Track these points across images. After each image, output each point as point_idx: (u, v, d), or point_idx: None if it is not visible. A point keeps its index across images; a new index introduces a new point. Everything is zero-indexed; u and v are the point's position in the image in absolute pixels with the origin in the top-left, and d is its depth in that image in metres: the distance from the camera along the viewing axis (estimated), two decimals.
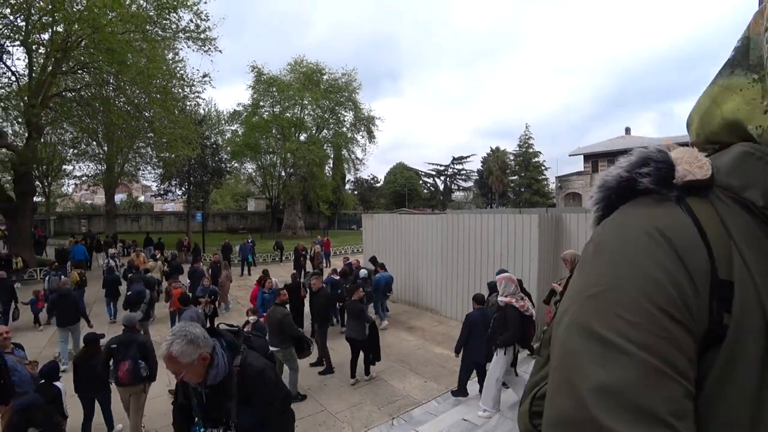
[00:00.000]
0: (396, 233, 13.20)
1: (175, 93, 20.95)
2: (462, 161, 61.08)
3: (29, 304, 10.55)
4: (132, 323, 5.56)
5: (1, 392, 4.49)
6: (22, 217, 18.11)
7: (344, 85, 36.71)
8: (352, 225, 48.32)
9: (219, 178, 35.96)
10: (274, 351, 6.23)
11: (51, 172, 30.99)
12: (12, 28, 15.72)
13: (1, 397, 4.47)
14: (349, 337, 7.14)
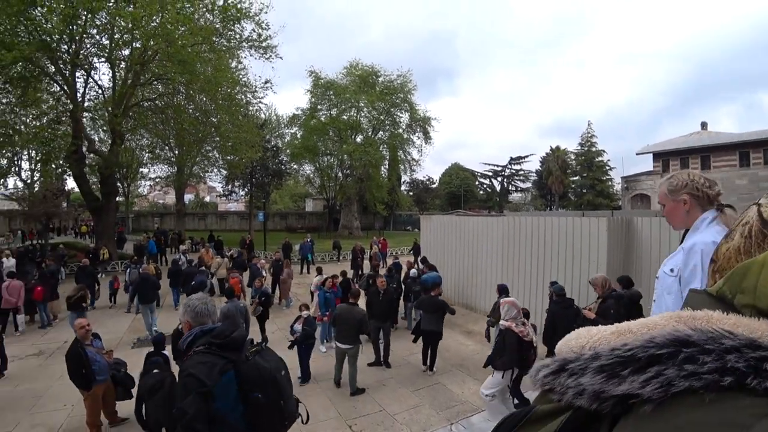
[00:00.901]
0: (455, 235, 13.02)
1: (239, 99, 22.06)
2: (520, 161, 59.09)
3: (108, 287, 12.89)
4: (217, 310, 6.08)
5: (83, 380, 5.12)
6: (107, 215, 20.09)
7: (399, 86, 36.81)
8: (407, 226, 48.31)
9: (279, 180, 37.44)
10: (347, 348, 6.63)
11: (130, 175, 33.88)
12: (98, 46, 17.39)
13: (84, 383, 5.16)
14: (427, 329, 7.46)
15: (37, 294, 10.56)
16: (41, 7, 14.90)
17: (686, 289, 1.63)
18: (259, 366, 2.23)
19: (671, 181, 1.85)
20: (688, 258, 1.67)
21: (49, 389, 7.05)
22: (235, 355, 2.22)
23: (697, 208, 1.78)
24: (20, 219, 29.78)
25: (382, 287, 8.16)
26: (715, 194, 1.78)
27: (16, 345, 9.29)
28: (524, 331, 4.77)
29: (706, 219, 1.74)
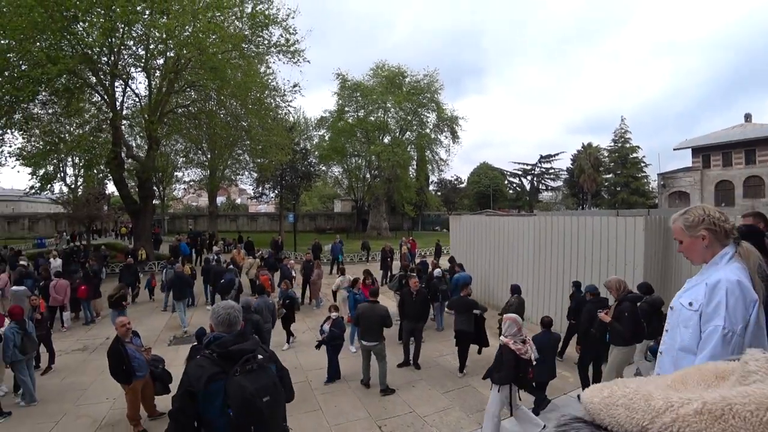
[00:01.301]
0: (484, 235, 12.84)
1: (269, 103, 22.55)
2: (550, 159, 57.66)
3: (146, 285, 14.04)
4: (248, 304, 6.72)
5: (124, 375, 5.42)
6: (145, 217, 20.96)
7: (426, 86, 36.65)
8: (435, 226, 48.00)
9: (308, 181, 38.00)
10: (372, 345, 6.75)
11: (165, 179, 35.23)
12: (135, 57, 18.17)
13: (124, 379, 5.46)
14: (460, 329, 7.49)
15: (81, 292, 11.12)
16: (83, 22, 15.74)
17: (707, 325, 1.64)
18: (241, 385, 2.25)
19: (687, 217, 1.85)
20: (712, 294, 1.66)
21: (93, 383, 7.40)
22: (229, 366, 2.29)
23: (715, 242, 1.78)
24: (65, 221, 31.32)
25: (414, 288, 8.11)
26: (731, 227, 1.79)
27: (62, 340, 9.80)
28: (522, 349, 4.73)
29: (727, 255, 1.75)
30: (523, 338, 4.88)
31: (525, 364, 4.70)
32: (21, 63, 15.67)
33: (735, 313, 1.58)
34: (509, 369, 4.70)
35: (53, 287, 10.52)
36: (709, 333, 1.62)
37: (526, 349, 4.77)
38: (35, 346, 6.76)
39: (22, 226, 39.81)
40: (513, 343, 4.77)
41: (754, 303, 1.59)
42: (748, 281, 1.63)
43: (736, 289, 1.59)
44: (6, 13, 14.25)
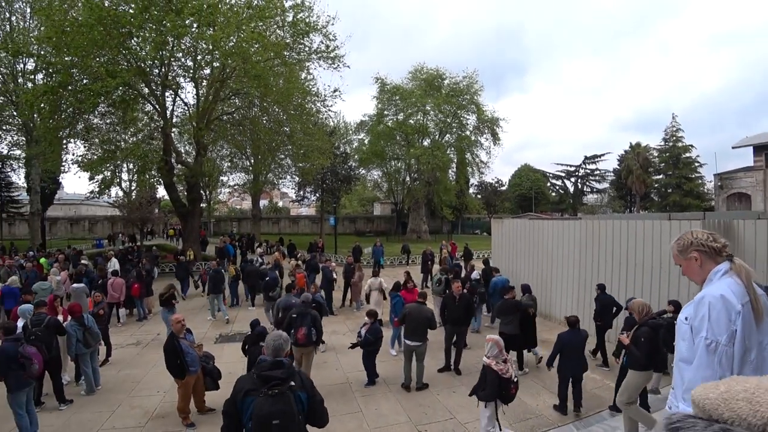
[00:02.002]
0: (527, 239, 12.50)
1: (310, 108, 23.00)
2: (595, 160, 55.31)
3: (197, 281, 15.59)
4: (308, 299, 7.25)
5: (178, 369, 5.65)
6: (193, 220, 21.96)
7: (465, 87, 36.25)
8: (475, 229, 47.33)
9: (348, 185, 38.48)
10: (416, 345, 6.88)
11: (211, 183, 36.63)
12: (184, 68, 19.08)
13: (178, 373, 5.68)
14: (504, 332, 7.52)
15: (135, 291, 11.75)
16: (137, 38, 16.76)
17: (696, 337, 1.81)
18: (260, 405, 2.66)
19: (679, 243, 2.06)
20: (698, 308, 1.83)
21: (146, 376, 7.78)
22: (261, 387, 2.72)
23: (708, 261, 1.94)
24: (121, 223, 33.26)
25: (457, 293, 7.98)
26: (721, 246, 1.93)
27: (117, 335, 10.36)
28: (503, 369, 5.01)
29: (720, 271, 1.90)
30: (504, 358, 5.14)
31: (506, 382, 4.99)
32: (83, 77, 16.91)
33: (718, 325, 1.73)
34: (493, 387, 4.99)
35: (110, 285, 11.20)
36: (696, 344, 1.79)
37: (507, 368, 5.05)
38: (97, 339, 7.18)
39: (82, 228, 42.72)
40: (495, 363, 5.03)
41: (739, 314, 1.72)
42: (740, 294, 1.77)
43: (718, 303, 1.75)
44: (70, 32, 15.39)
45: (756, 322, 1.75)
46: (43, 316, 6.61)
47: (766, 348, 1.76)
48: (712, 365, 1.72)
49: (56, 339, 6.57)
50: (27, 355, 5.32)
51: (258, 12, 17.32)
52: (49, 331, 6.41)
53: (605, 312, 8.10)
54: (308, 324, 6.65)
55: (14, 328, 5.79)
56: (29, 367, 5.30)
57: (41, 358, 5.57)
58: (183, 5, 15.66)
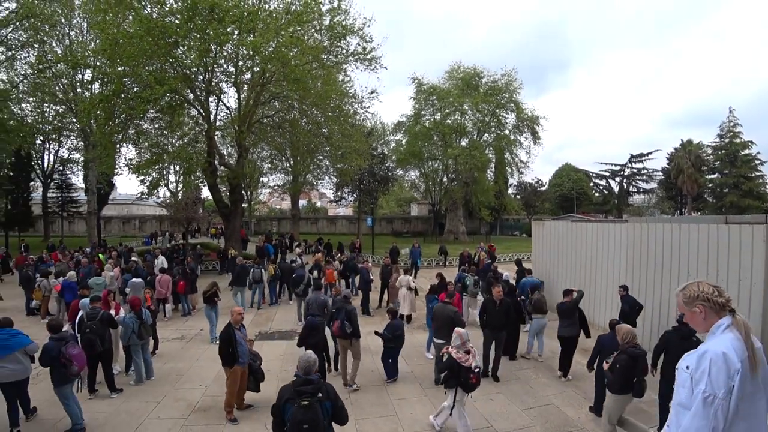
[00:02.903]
0: (570, 242, 12.05)
1: (347, 110, 23.27)
2: (642, 159, 52.64)
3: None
4: (348, 295, 7.86)
5: (230, 358, 5.93)
6: (235, 220, 22.80)
7: (504, 86, 35.49)
8: (514, 231, 46.31)
9: (386, 185, 38.58)
10: (442, 343, 6.90)
11: (252, 184, 37.78)
12: (226, 74, 19.85)
13: (229, 362, 5.98)
14: (563, 335, 7.76)
15: (180, 288, 12.30)
16: (182, 46, 17.59)
17: (695, 388, 1.94)
18: (295, 413, 3.57)
19: (685, 293, 2.16)
20: (700, 362, 1.96)
21: (189, 369, 8.11)
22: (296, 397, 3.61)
23: (711, 314, 2.05)
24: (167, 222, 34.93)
25: (498, 297, 7.78)
26: (725, 300, 2.04)
27: (163, 329, 10.83)
28: (462, 358, 5.39)
29: (722, 325, 2.01)
30: (467, 349, 5.50)
31: (466, 371, 5.36)
32: (134, 86, 17.90)
33: (717, 380, 1.86)
34: (453, 375, 5.41)
35: (158, 281, 11.81)
36: (695, 394, 1.93)
37: (467, 358, 5.41)
38: (150, 333, 7.58)
39: (133, 226, 45.29)
40: (456, 352, 5.47)
41: (738, 371, 1.85)
42: (740, 350, 1.89)
43: (719, 359, 1.88)
44: (122, 44, 16.37)
45: (751, 373, 1.89)
46: (98, 310, 7.04)
47: (757, 398, 1.92)
48: (707, 416, 1.86)
49: (109, 332, 6.98)
50: (68, 356, 5.60)
51: (296, 17, 17.69)
52: (102, 325, 6.82)
53: (632, 312, 8.26)
54: (342, 318, 7.13)
55: (60, 325, 6.10)
56: (69, 367, 5.60)
57: (83, 360, 5.87)
58: (225, 14, 16.23)
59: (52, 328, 5.97)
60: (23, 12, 21.60)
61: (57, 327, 6.01)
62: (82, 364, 5.85)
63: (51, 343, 5.72)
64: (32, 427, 5.89)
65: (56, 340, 5.74)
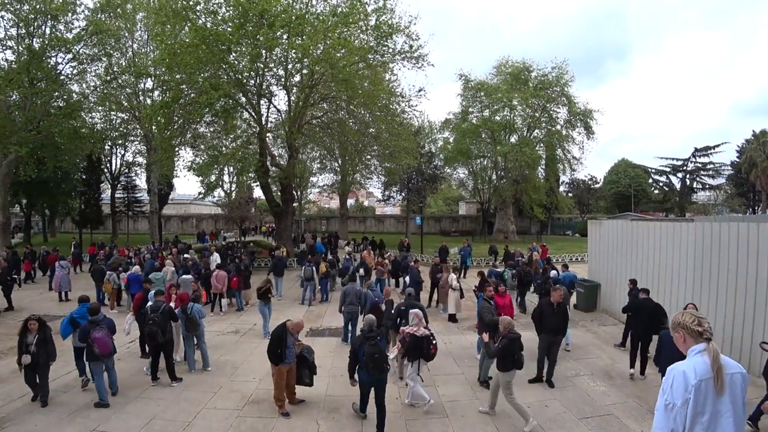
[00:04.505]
0: (629, 244, 11.36)
1: (394, 109, 23.27)
2: (708, 152, 48.73)
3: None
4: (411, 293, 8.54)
5: (276, 357, 6.11)
6: (286, 218, 23.54)
7: (555, 79, 33.97)
8: (567, 230, 44.49)
9: (434, 184, 38.28)
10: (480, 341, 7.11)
11: (302, 184, 38.69)
12: (276, 77, 20.42)
13: (275, 360, 6.18)
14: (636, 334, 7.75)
15: (234, 284, 12.78)
16: (235, 53, 18.34)
17: (661, 396, 2.45)
18: (367, 349, 5.63)
19: (673, 320, 2.64)
20: (668, 376, 2.45)
21: (243, 363, 8.38)
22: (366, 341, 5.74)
23: (690, 339, 2.51)
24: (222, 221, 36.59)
25: (556, 299, 7.38)
26: (703, 330, 2.46)
27: (219, 323, 11.36)
28: (415, 328, 6.42)
29: (695, 350, 2.46)
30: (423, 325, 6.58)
31: (423, 340, 6.29)
32: (191, 92, 18.85)
33: (676, 392, 2.35)
34: (411, 348, 6.32)
35: (215, 277, 12.35)
36: (660, 401, 2.45)
37: (418, 327, 6.44)
38: (197, 327, 7.91)
39: (191, 225, 47.80)
40: (409, 327, 6.49)
41: (693, 387, 2.29)
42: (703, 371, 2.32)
43: (679, 376, 2.36)
44: (179, 53, 17.36)
45: (717, 393, 2.30)
46: (160, 303, 7.43)
47: (722, 416, 2.30)
48: (668, 419, 2.36)
49: (170, 324, 7.37)
50: (92, 339, 6.29)
51: (342, 18, 17.90)
52: (164, 317, 7.20)
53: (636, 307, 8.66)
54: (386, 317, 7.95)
55: (97, 309, 6.82)
56: (93, 348, 6.30)
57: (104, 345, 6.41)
58: (274, 19, 16.71)
59: (91, 311, 6.76)
60: (92, 29, 23.36)
61: (95, 311, 6.77)
62: (103, 348, 6.39)
63: (86, 324, 6.53)
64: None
65: (90, 323, 6.51)
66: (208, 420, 6.11)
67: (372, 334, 5.83)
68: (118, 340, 7.28)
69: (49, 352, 6.40)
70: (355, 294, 9.63)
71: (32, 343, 6.19)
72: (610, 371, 7.89)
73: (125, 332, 8.38)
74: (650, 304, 7.84)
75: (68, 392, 7.01)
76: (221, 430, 5.85)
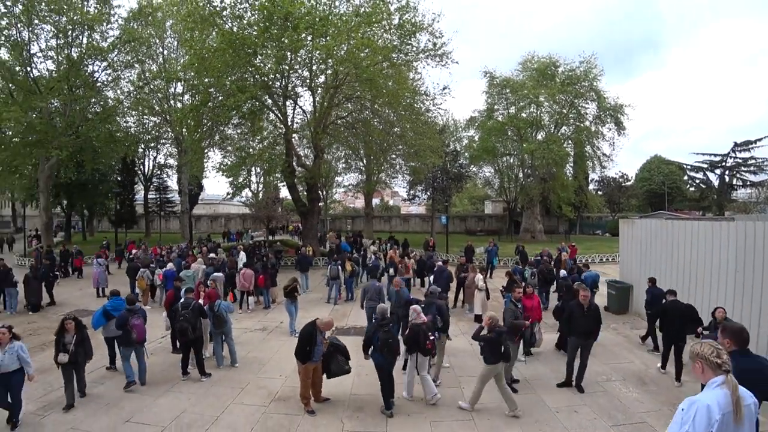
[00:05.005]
0: (664, 244, 10.94)
1: (419, 108, 23.19)
2: (749, 147, 45.69)
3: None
4: (435, 291, 8.47)
5: (304, 355, 6.26)
6: (311, 218, 23.80)
7: (583, 74, 32.96)
8: (596, 230, 43.31)
9: (459, 183, 37.93)
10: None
11: (327, 183, 39.09)
12: (301, 78, 20.66)
13: (302, 357, 6.27)
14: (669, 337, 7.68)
15: (261, 282, 13.02)
16: (260, 56, 18.72)
17: (683, 427, 2.47)
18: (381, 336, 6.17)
19: (690, 350, 2.75)
20: (690, 408, 2.49)
21: (270, 360, 8.53)
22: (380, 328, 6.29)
23: (708, 370, 2.58)
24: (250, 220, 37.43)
25: (585, 301, 7.14)
26: (722, 362, 2.53)
27: (247, 320, 11.59)
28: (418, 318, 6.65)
29: (715, 382, 2.52)
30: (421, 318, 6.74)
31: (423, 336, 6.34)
32: (219, 95, 19.30)
33: (699, 425, 2.40)
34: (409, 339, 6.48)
35: (242, 275, 12.63)
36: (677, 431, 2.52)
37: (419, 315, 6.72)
38: (223, 323, 8.10)
39: (220, 224, 48.96)
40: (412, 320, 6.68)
41: (717, 422, 2.37)
42: (725, 405, 2.41)
43: (704, 410, 2.41)
44: (207, 58, 17.86)
45: (735, 423, 2.41)
46: (190, 301, 7.66)
47: None
48: None
49: (200, 321, 7.57)
50: (131, 326, 7.00)
51: (365, 18, 17.96)
52: (194, 314, 7.41)
53: (654, 303, 9.00)
54: (433, 312, 7.45)
55: (134, 300, 7.69)
56: (130, 334, 6.99)
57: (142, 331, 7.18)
58: (298, 21, 16.90)
59: (128, 301, 7.54)
60: (125, 37, 24.49)
61: (131, 301, 7.57)
62: (140, 334, 7.14)
63: (124, 312, 7.19)
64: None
65: (128, 311, 7.22)
66: (235, 415, 6.24)
67: (384, 322, 6.42)
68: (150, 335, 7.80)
69: (87, 351, 6.71)
70: (375, 290, 9.95)
71: (71, 342, 6.44)
72: (643, 377, 7.62)
73: (166, 328, 8.68)
74: (679, 305, 7.64)
75: (103, 384, 7.34)
76: (248, 425, 5.97)
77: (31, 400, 6.56)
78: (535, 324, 8.29)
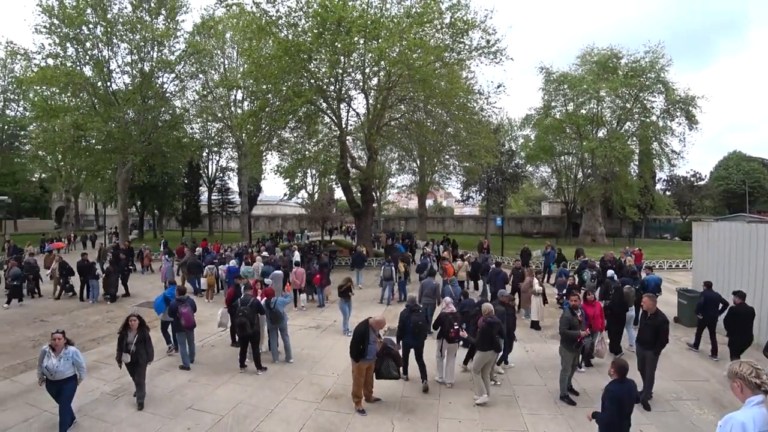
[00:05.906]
0: (746, 249, 9.91)
1: (472, 107, 22.82)
2: None
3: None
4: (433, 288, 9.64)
5: (357, 353, 6.37)
6: (365, 219, 24.20)
7: (648, 65, 30.60)
8: (664, 233, 40.42)
9: (515, 184, 36.86)
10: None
11: (381, 184, 39.51)
12: (354, 81, 21.00)
13: (356, 355, 6.37)
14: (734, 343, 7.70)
15: (316, 280, 13.37)
16: (315, 61, 19.27)
17: None
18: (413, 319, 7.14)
19: (729, 369, 2.78)
20: (726, 424, 2.61)
21: (323, 357, 8.73)
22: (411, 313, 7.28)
23: (747, 390, 2.63)
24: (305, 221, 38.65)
25: (650, 309, 6.64)
26: (762, 381, 2.59)
27: (301, 318, 11.94)
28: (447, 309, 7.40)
29: (753, 401, 2.59)
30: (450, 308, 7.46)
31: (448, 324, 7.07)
32: (276, 101, 20.10)
33: None
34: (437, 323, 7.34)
35: (294, 273, 13.13)
36: None
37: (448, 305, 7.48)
38: (280, 319, 8.39)
39: (277, 224, 50.99)
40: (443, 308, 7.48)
41: None
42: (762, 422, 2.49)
43: (738, 426, 2.51)
44: (264, 65, 18.73)
45: None
46: (249, 297, 8.03)
47: None
48: None
49: (257, 316, 7.93)
50: (180, 313, 7.86)
51: (417, 19, 17.88)
52: (252, 310, 7.78)
53: (707, 307, 8.90)
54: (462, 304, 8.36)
55: (185, 290, 8.74)
56: (180, 320, 7.86)
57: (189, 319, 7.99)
58: (351, 25, 17.15)
59: (179, 291, 8.51)
60: (190, 50, 26.79)
61: (182, 291, 8.59)
62: (187, 321, 7.95)
63: (174, 302, 8.08)
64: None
65: (178, 301, 8.11)
66: (288, 410, 6.44)
67: (416, 307, 7.45)
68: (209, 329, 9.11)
69: (148, 352, 6.55)
70: (431, 287, 10.40)
71: (132, 342, 6.33)
72: (720, 398, 6.78)
73: (225, 326, 9.17)
74: (747, 310, 7.49)
75: (168, 372, 7.87)
76: (300, 420, 6.14)
77: (107, 381, 7.28)
78: (596, 334, 7.65)
